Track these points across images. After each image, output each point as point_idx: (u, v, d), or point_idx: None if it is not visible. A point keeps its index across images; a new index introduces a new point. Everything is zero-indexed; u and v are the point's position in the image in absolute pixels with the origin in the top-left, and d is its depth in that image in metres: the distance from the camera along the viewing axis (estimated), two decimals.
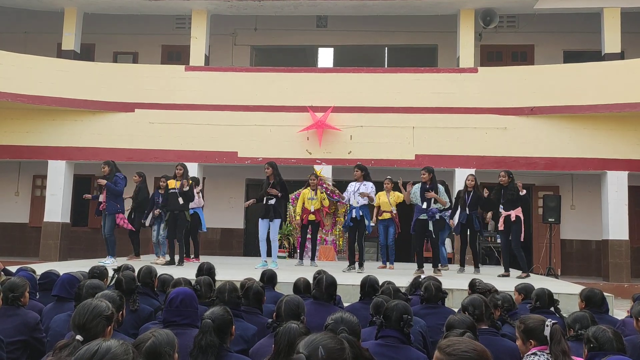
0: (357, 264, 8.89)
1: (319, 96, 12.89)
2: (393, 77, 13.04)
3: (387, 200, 10.15)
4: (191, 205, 10.01)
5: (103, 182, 9.18)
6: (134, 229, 10.10)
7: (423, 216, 8.59)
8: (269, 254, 9.15)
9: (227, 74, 13.39)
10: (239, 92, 13.13)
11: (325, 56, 19.30)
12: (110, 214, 9.26)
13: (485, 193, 9.26)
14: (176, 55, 15.42)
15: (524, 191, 8.81)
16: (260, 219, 9.03)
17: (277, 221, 8.93)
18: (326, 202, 10.19)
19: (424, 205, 8.56)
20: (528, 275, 8.63)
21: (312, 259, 10.11)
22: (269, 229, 8.95)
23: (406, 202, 8.95)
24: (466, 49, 13.00)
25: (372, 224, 9.80)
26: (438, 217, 8.61)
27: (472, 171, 11.94)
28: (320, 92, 12.94)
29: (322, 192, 10.23)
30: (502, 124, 12.55)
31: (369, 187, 8.83)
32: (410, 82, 12.94)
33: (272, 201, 8.84)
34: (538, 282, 7.27)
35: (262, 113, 12.94)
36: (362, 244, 9.09)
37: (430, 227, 8.55)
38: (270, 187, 8.85)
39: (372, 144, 12.74)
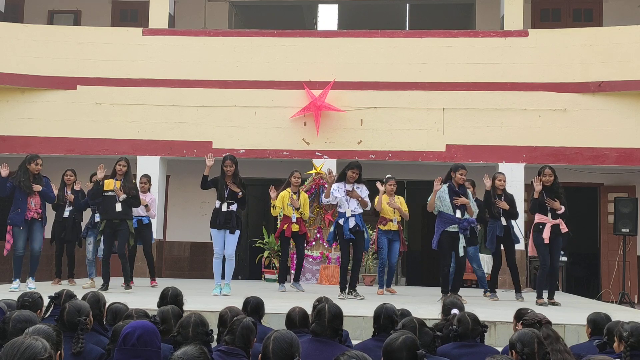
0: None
1: (320, 68, 12.89)
2: (416, 43, 13.02)
3: (393, 207, 10.10)
4: (141, 213, 10.09)
5: (38, 188, 9.20)
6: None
7: (453, 227, 8.65)
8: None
9: (198, 39, 13.37)
10: (213, 64, 13.12)
11: (328, 15, 19.29)
12: (44, 226, 9.32)
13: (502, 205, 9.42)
14: (131, 14, 15.41)
15: (562, 208, 8.74)
16: (214, 229, 9.03)
17: (238, 233, 9.03)
18: (306, 215, 10.33)
19: (458, 214, 8.62)
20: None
21: (296, 279, 10.31)
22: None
23: (429, 208, 8.94)
24: (513, 6, 12.97)
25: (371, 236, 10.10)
26: (469, 232, 8.71)
27: (523, 167, 11.92)
28: (321, 63, 12.94)
29: (307, 194, 10.38)
30: (561, 105, 12.54)
31: (363, 190, 9.06)
32: (439, 49, 12.92)
33: (234, 206, 8.92)
34: (605, 311, 7.27)
35: (245, 91, 12.93)
36: (359, 263, 9.28)
37: (463, 243, 8.63)
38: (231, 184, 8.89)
39: (388, 130, 12.74)
